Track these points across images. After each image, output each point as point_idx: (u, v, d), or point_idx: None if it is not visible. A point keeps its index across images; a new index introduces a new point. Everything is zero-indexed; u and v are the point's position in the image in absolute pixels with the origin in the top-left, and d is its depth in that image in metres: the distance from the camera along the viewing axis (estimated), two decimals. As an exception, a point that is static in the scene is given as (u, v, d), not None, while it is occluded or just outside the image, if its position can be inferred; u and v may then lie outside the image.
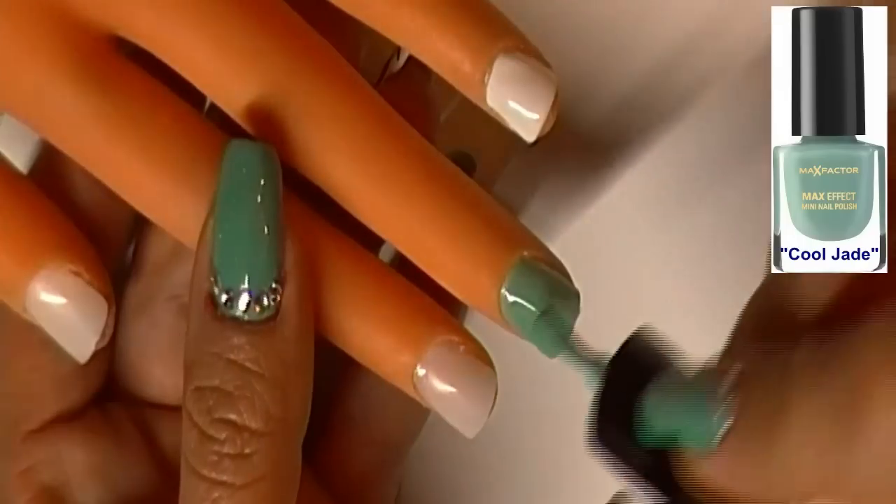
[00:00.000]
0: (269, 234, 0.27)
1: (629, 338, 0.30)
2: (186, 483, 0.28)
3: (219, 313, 0.27)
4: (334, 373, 0.33)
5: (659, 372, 0.29)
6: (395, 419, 0.33)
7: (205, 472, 0.27)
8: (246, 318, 0.27)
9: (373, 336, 0.29)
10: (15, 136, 0.30)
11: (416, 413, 0.33)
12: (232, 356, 0.27)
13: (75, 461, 0.31)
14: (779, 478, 0.26)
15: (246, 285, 0.27)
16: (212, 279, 0.27)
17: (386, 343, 0.29)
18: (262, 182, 0.27)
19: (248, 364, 0.27)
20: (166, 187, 0.28)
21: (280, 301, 0.28)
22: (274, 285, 0.27)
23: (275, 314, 0.28)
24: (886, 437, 0.24)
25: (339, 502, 0.33)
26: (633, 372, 0.29)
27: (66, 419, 0.31)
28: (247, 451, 0.27)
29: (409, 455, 0.34)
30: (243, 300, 0.27)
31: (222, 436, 0.27)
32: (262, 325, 0.27)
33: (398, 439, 0.34)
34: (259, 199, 0.27)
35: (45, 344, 0.30)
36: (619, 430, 0.29)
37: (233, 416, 0.27)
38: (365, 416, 0.33)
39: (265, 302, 0.27)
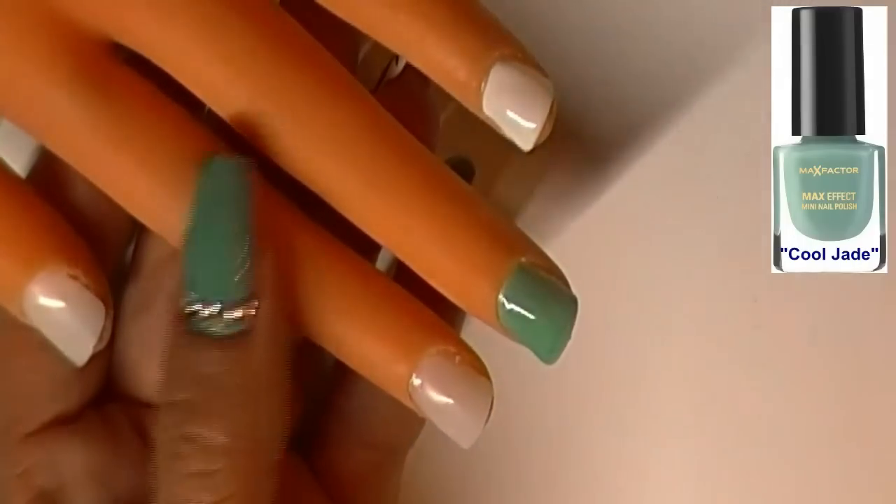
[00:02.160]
0: (240, 249, 0.27)
1: None
2: (160, 497, 0.27)
3: (191, 327, 0.27)
4: (330, 373, 0.33)
5: None
6: (391, 422, 0.33)
7: (174, 488, 0.27)
8: (217, 332, 0.27)
9: (368, 345, 0.29)
10: (13, 140, 0.30)
11: (413, 416, 0.33)
12: (202, 370, 0.27)
13: (73, 464, 0.31)
14: None
15: (217, 300, 0.27)
16: (185, 292, 0.27)
17: (381, 352, 0.29)
18: (233, 198, 0.27)
19: (216, 379, 0.27)
20: (162, 193, 0.28)
21: (252, 316, 0.27)
22: (246, 300, 0.27)
23: (247, 329, 0.27)
24: None
25: (337, 504, 0.33)
26: None
27: (64, 422, 0.31)
28: (213, 467, 0.27)
29: (410, 458, 0.34)
30: (214, 314, 0.27)
31: (189, 451, 0.27)
32: (233, 341, 0.27)
33: (395, 442, 0.33)
34: (230, 214, 0.27)
35: (43, 346, 0.29)
36: None
37: (200, 432, 0.27)
38: (361, 418, 0.33)
39: (236, 317, 0.27)
